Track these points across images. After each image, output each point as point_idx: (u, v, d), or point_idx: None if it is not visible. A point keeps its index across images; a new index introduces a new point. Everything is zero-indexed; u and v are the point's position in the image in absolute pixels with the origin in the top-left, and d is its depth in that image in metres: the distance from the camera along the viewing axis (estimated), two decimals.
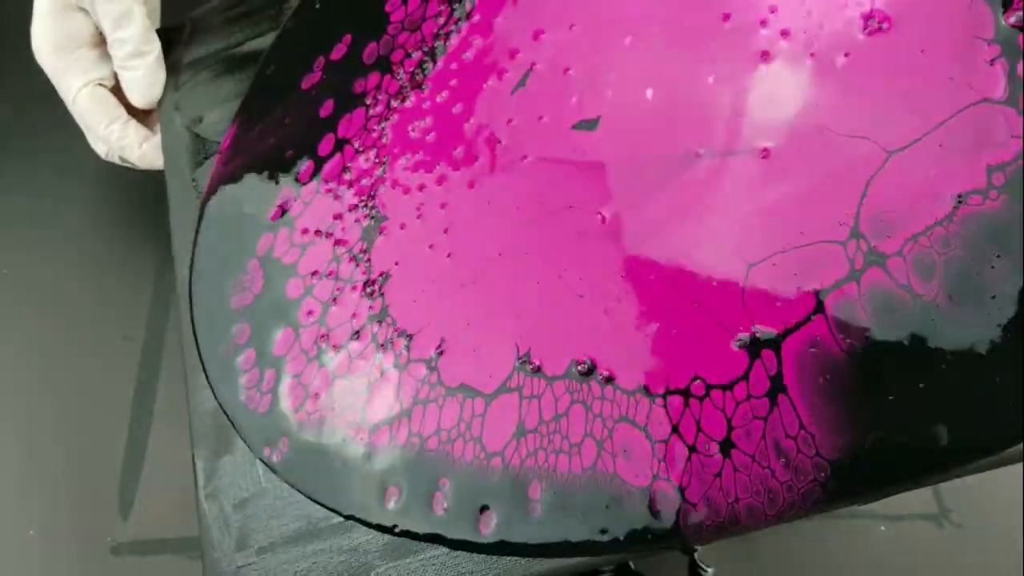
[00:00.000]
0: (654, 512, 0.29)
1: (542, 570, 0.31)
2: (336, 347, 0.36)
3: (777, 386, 0.28)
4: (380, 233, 0.37)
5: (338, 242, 0.37)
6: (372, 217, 0.37)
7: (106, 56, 0.47)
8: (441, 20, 0.39)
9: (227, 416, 0.37)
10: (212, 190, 0.42)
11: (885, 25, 0.29)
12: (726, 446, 0.28)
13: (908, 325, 0.27)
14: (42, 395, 0.49)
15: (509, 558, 0.31)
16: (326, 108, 0.40)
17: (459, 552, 0.32)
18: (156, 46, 0.46)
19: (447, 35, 0.38)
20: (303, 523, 0.35)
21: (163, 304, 0.51)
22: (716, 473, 0.28)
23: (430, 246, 0.36)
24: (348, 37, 0.41)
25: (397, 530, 0.33)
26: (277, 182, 0.40)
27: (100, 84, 0.47)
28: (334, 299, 0.36)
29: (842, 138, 0.29)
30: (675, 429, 0.29)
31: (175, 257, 0.42)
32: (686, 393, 0.29)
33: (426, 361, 0.34)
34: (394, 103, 0.38)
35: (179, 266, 0.42)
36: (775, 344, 0.28)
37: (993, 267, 0.26)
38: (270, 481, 0.35)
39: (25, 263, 0.53)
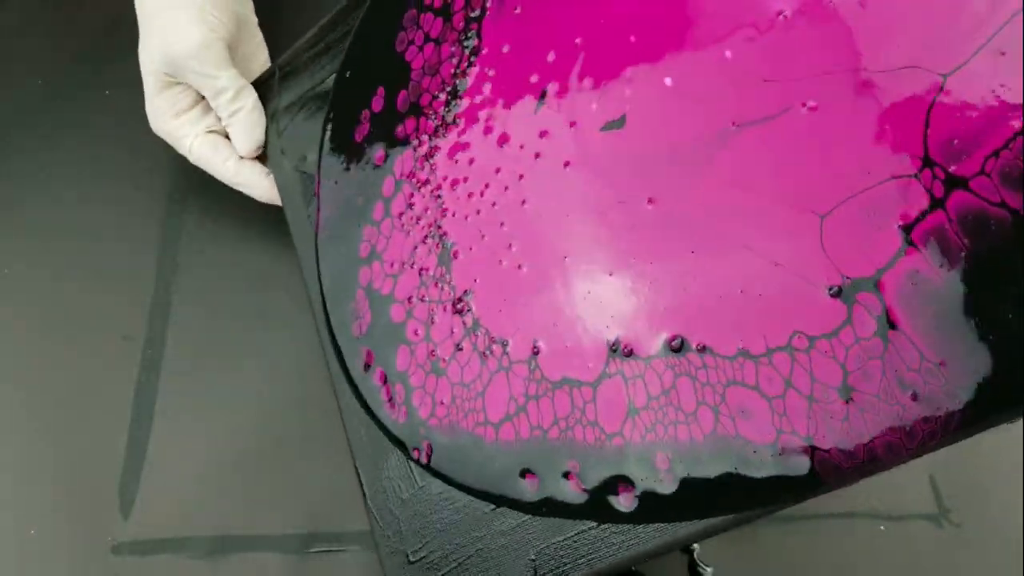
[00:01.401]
0: (786, 465, 0.28)
1: (681, 535, 0.30)
2: (446, 359, 0.36)
3: (885, 324, 0.26)
4: (454, 257, 0.37)
5: (421, 270, 0.38)
6: (442, 245, 0.38)
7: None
8: (455, 60, 0.39)
9: (378, 427, 0.38)
10: (318, 232, 0.43)
11: None
12: (845, 391, 0.27)
13: (1010, 239, 0.24)
14: (42, 395, 0.45)
15: (649, 527, 0.30)
16: (379, 156, 0.41)
17: (606, 525, 0.31)
18: (249, 101, 0.47)
19: (464, 72, 0.39)
20: (461, 515, 0.35)
21: (163, 304, 0.49)
22: (843, 418, 0.27)
23: (500, 261, 0.36)
24: (381, 89, 0.42)
25: (545, 511, 0.33)
26: (359, 224, 0.42)
27: (212, 131, 0.48)
28: (432, 319, 0.37)
29: (887, 74, 0.27)
30: (788, 383, 0.28)
31: (306, 283, 0.43)
32: (789, 348, 0.28)
33: (526, 362, 0.34)
34: (435, 141, 0.39)
35: (310, 290, 0.43)
36: (871, 286, 0.27)
37: None
38: (425, 479, 0.36)
39: (25, 263, 0.49)
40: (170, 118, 0.47)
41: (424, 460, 0.36)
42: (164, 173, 0.51)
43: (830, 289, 0.28)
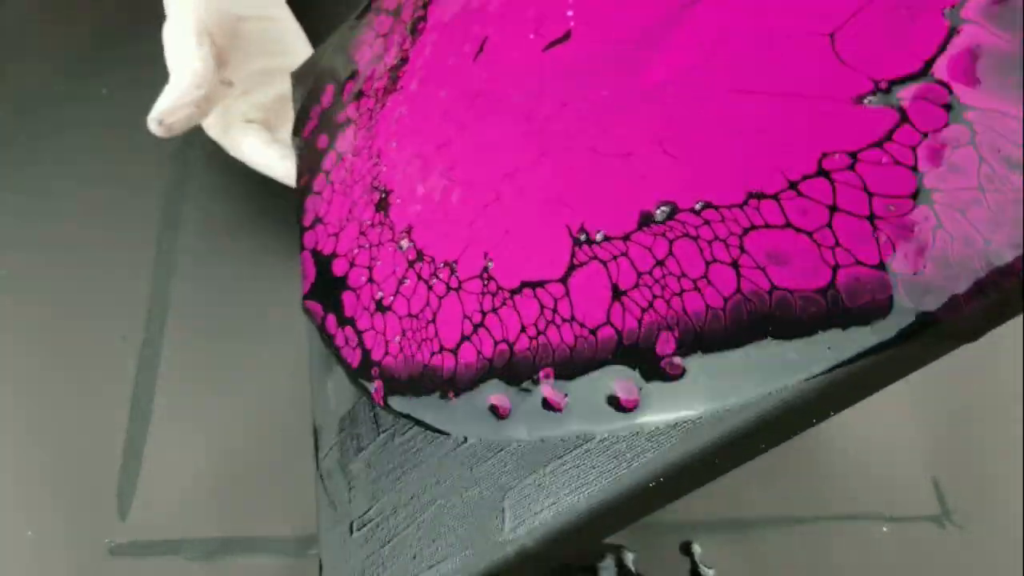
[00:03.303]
0: (854, 307, 0.15)
1: (721, 433, 0.17)
2: (391, 294, 0.28)
3: (961, 108, 0.16)
4: (391, 204, 0.29)
5: (361, 222, 0.31)
6: (380, 194, 0.30)
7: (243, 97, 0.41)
8: (398, 44, 0.33)
9: (344, 371, 0.29)
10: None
11: None
12: (925, 195, 0.15)
13: None
14: (40, 396, 0.38)
15: (679, 428, 0.17)
16: (323, 141, 0.35)
17: (595, 445, 0.19)
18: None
19: (406, 51, 0.33)
20: (422, 460, 0.24)
21: (161, 304, 0.40)
22: (934, 226, 0.15)
23: (440, 197, 0.27)
24: (330, 87, 0.36)
25: (529, 436, 0.20)
26: (303, 199, 0.35)
27: (249, 121, 0.40)
28: (374, 261, 0.29)
29: None
30: (834, 208, 0.16)
31: None
32: (822, 173, 0.17)
33: (477, 277, 0.24)
34: (376, 111, 0.33)
35: None
36: (921, 77, 0.16)
37: None
38: (386, 425, 0.26)
39: (23, 264, 0.41)
40: (216, 119, 0.40)
41: (380, 402, 0.26)
42: (162, 173, 0.43)
43: (866, 99, 0.17)
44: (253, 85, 0.41)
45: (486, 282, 0.24)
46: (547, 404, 0.20)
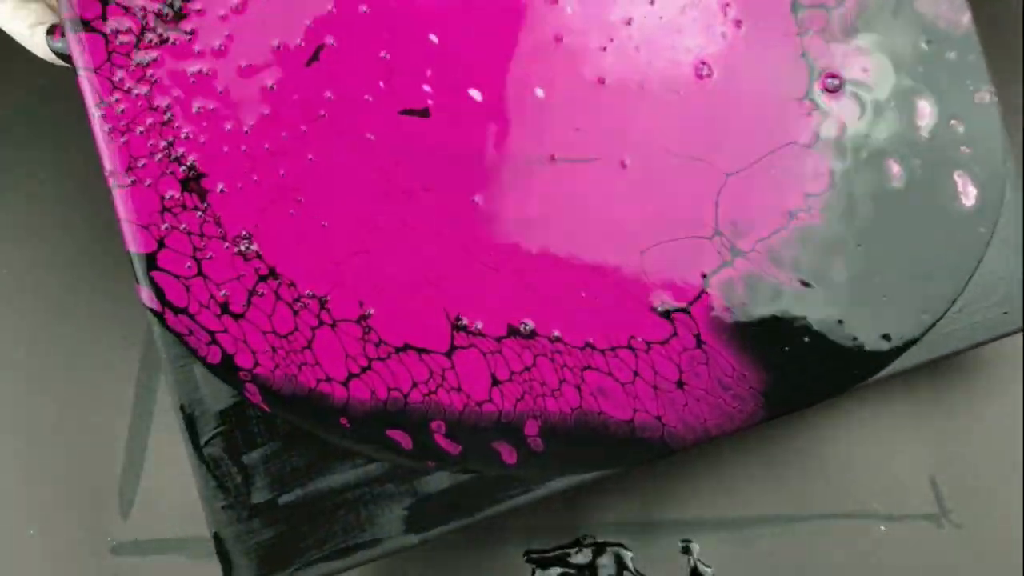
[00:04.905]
0: (641, 436, 0.26)
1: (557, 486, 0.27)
2: (241, 303, 0.25)
3: (701, 342, 0.27)
4: (209, 190, 0.25)
5: (160, 192, 0.25)
6: (186, 169, 0.25)
7: None
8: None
9: (187, 348, 0.26)
10: None
11: (707, 71, 0.26)
12: (681, 385, 0.27)
13: (775, 301, 0.27)
14: (42, 395, 0.37)
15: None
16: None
17: (487, 475, 0.27)
18: None
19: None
20: (331, 462, 0.26)
21: None
22: (683, 404, 0.26)
23: (289, 212, 0.25)
24: None
25: (433, 466, 0.26)
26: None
27: None
28: (198, 249, 0.25)
29: (685, 160, 0.26)
30: (636, 374, 0.26)
31: None
32: (630, 348, 0.26)
33: (355, 322, 0.25)
34: (159, 32, 0.26)
35: None
36: (686, 312, 0.27)
37: (829, 262, 0.26)
38: (282, 433, 0.26)
39: (24, 263, 0.39)
40: None
41: (263, 407, 0.25)
42: None
43: (653, 308, 0.27)
44: None
45: (367, 331, 0.25)
46: (442, 449, 0.26)
